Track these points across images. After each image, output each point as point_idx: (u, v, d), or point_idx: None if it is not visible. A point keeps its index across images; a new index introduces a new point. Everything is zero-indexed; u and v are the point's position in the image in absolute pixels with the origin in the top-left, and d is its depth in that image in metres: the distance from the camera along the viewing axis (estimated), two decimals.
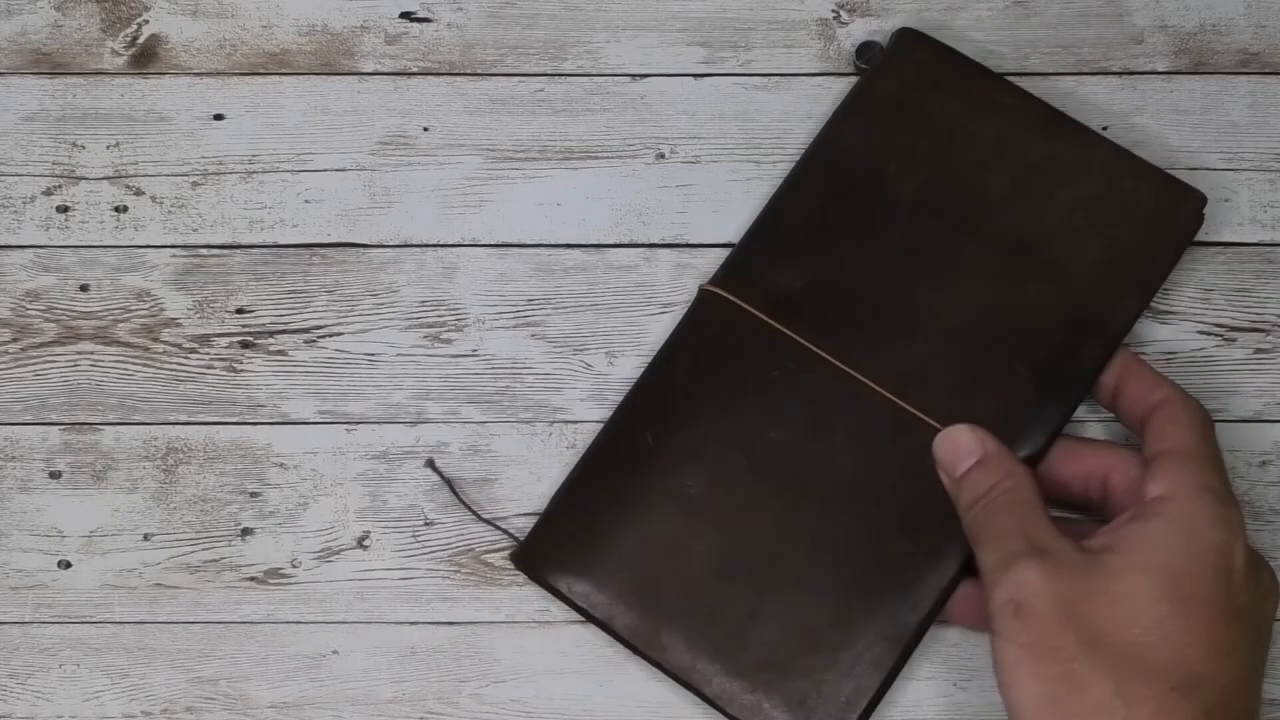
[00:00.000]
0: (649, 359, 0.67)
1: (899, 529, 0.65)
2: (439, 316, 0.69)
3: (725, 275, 0.68)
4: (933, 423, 0.65)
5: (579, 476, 0.66)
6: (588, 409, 0.68)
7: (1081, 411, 0.68)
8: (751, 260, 0.68)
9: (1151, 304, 0.69)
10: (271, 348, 0.68)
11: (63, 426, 0.68)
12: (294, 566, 0.67)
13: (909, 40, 0.69)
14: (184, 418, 0.68)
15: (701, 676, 0.64)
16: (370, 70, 0.71)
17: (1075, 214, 0.67)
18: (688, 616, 0.65)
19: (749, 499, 0.65)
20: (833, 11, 0.72)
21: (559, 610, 0.66)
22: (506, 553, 0.67)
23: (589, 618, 0.65)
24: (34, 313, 0.68)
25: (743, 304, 0.67)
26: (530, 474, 0.67)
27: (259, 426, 0.68)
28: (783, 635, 0.64)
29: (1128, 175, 0.68)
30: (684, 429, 0.66)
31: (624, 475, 0.66)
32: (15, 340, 0.68)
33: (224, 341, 0.68)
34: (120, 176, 0.69)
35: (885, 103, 0.69)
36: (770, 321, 0.67)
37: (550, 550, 0.65)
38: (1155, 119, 0.71)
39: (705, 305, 0.67)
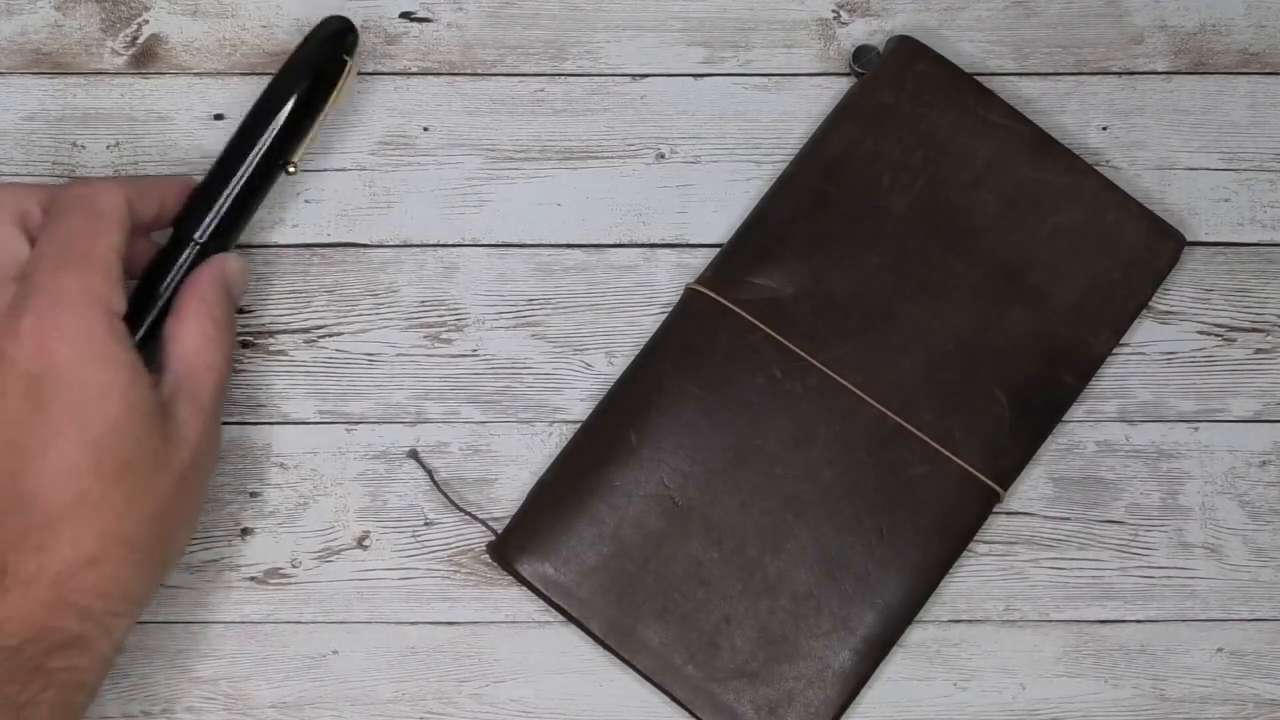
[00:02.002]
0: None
1: (874, 542, 0.65)
2: (439, 316, 0.69)
3: (713, 275, 0.68)
4: (921, 435, 0.66)
5: (559, 471, 0.66)
6: (588, 409, 0.68)
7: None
8: (741, 262, 0.68)
9: (1151, 304, 0.69)
10: (271, 348, 0.68)
11: None
12: (294, 566, 0.67)
13: (906, 49, 0.69)
14: None
15: (673, 679, 0.65)
16: (370, 70, 0.71)
17: (1060, 243, 0.68)
18: (662, 618, 0.65)
19: (729, 504, 0.66)
20: (833, 11, 0.72)
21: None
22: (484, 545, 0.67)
23: (564, 614, 0.65)
24: None
25: (730, 305, 0.67)
26: (530, 474, 0.67)
27: (259, 426, 0.68)
28: (756, 642, 0.65)
29: (1113, 209, 0.68)
30: (667, 429, 0.66)
31: (604, 472, 0.66)
32: None
33: None
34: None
35: (880, 112, 0.69)
36: (759, 325, 0.67)
37: (526, 543, 0.65)
38: (1155, 119, 0.71)
39: (692, 304, 0.67)
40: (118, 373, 0.56)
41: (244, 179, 0.64)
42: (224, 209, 0.64)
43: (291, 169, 0.66)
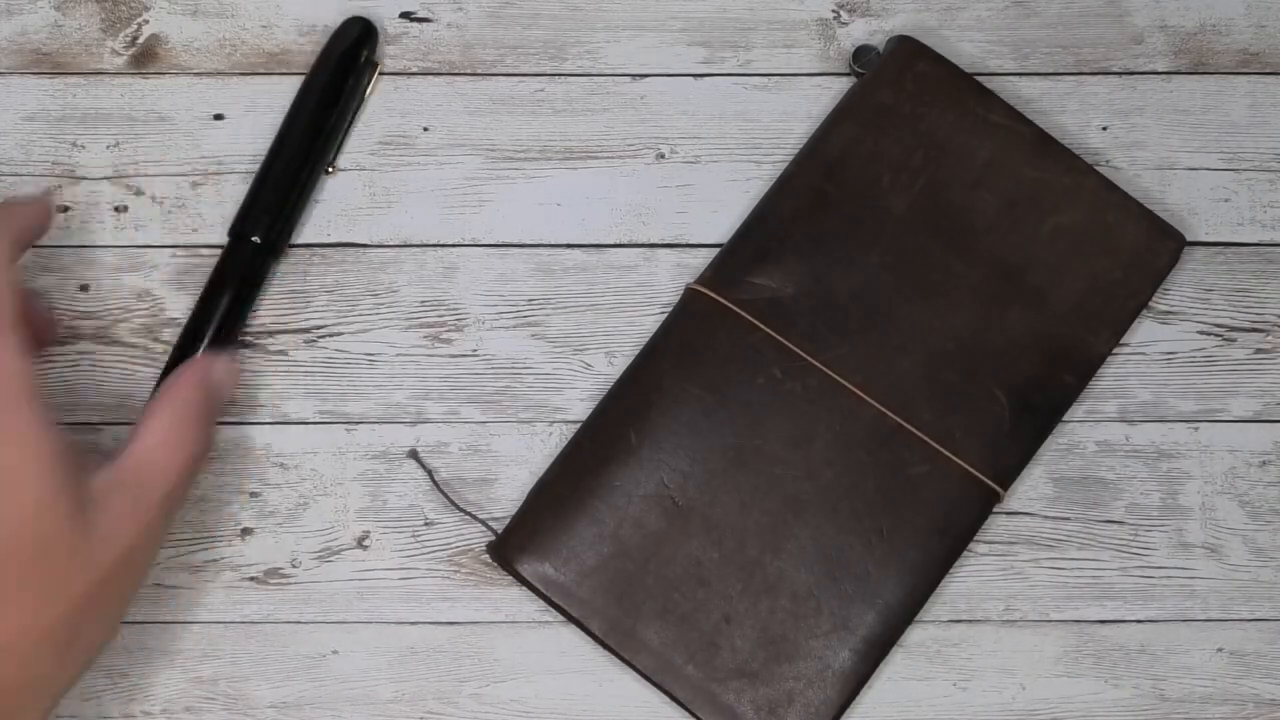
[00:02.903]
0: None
1: (874, 542, 0.65)
2: (439, 316, 0.69)
3: (713, 275, 0.68)
4: (921, 435, 0.66)
5: (559, 471, 0.66)
6: (587, 409, 0.68)
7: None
8: (741, 261, 0.68)
9: (1151, 304, 0.69)
10: (271, 348, 0.68)
11: (63, 426, 0.67)
12: (294, 566, 0.67)
13: (906, 49, 0.69)
14: None
15: (674, 679, 0.65)
16: None
17: (1060, 243, 0.68)
18: (662, 618, 0.65)
19: (729, 504, 0.66)
20: (833, 11, 0.72)
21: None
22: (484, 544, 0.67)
23: (563, 614, 0.65)
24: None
25: (730, 305, 0.67)
26: (530, 474, 0.67)
27: (259, 426, 0.68)
28: (756, 642, 0.65)
29: (1113, 209, 0.68)
30: (667, 429, 0.66)
31: (604, 472, 0.66)
32: None
33: None
34: (120, 176, 0.69)
35: (880, 112, 0.69)
36: (759, 325, 0.67)
37: (526, 543, 0.65)
38: (1155, 119, 0.71)
39: (692, 304, 0.67)
40: (28, 461, 0.53)
41: (297, 182, 0.67)
42: (280, 212, 0.67)
43: (331, 169, 0.69)
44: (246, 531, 0.67)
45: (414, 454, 0.68)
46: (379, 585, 0.67)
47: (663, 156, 0.70)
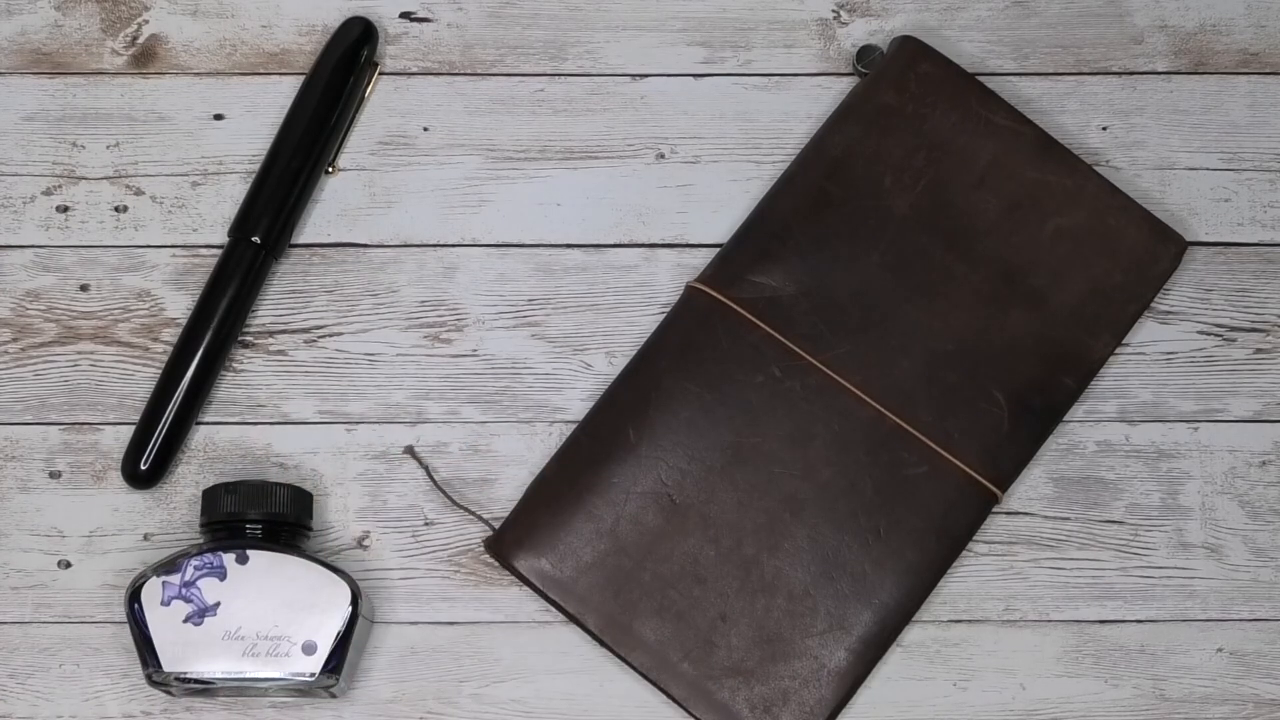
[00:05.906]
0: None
1: (871, 542, 0.65)
2: (439, 316, 0.69)
3: (714, 273, 0.68)
4: (919, 436, 0.66)
5: (557, 467, 0.66)
6: (587, 409, 0.68)
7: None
8: (742, 260, 0.68)
9: (1151, 304, 0.69)
10: (271, 348, 0.68)
11: (63, 426, 0.68)
12: None
13: (909, 49, 0.69)
14: None
15: (669, 676, 0.65)
16: None
17: (1061, 246, 0.68)
18: (659, 615, 0.65)
19: (727, 502, 0.66)
20: (833, 11, 0.72)
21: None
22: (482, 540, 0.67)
23: (559, 610, 0.65)
24: (34, 313, 0.68)
25: (730, 303, 0.67)
26: (530, 474, 0.67)
27: (259, 426, 0.68)
28: (752, 641, 0.65)
29: (1114, 212, 0.68)
30: (666, 426, 0.66)
31: (602, 469, 0.66)
32: (15, 340, 0.68)
33: None
34: (120, 176, 0.69)
35: (883, 112, 0.69)
36: (759, 323, 0.67)
37: (524, 539, 0.65)
38: (1155, 119, 0.71)
39: (692, 302, 0.67)
40: None
41: (297, 182, 0.67)
42: (280, 212, 0.67)
43: (331, 169, 0.69)
44: None
45: (410, 450, 0.68)
46: (379, 585, 0.67)
47: (663, 156, 0.70)
